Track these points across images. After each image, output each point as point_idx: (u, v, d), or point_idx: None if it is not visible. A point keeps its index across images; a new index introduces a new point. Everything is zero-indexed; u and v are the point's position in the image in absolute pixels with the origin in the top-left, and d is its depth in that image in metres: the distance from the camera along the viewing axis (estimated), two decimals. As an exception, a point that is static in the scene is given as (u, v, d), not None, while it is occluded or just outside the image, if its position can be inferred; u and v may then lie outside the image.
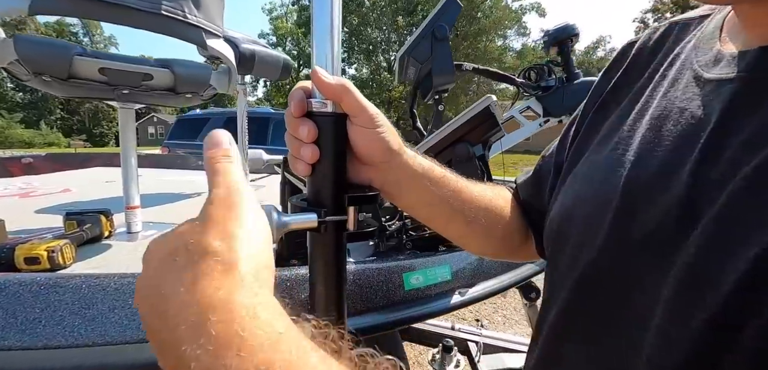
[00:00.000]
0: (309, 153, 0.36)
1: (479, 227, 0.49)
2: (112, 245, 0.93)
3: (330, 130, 0.36)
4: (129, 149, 1.01)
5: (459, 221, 0.48)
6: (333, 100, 0.36)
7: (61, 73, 0.76)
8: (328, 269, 0.39)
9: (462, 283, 0.84)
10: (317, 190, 0.38)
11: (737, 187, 0.24)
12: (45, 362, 0.51)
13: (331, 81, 0.36)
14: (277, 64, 1.75)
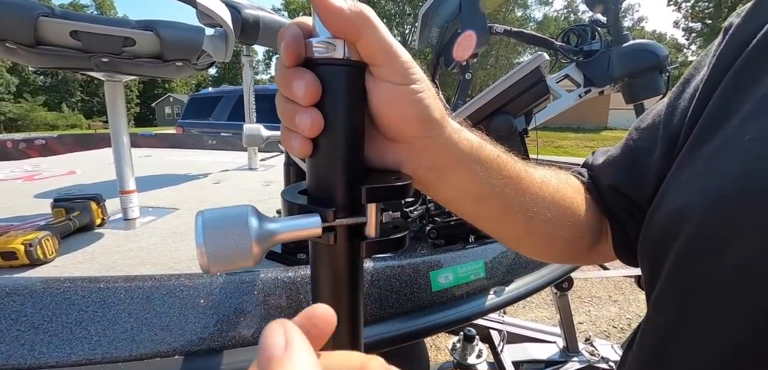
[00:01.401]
0: (308, 121, 0.23)
1: (542, 226, 0.36)
2: (105, 234, 0.84)
3: (341, 86, 0.24)
4: (120, 127, 0.91)
5: (517, 219, 0.35)
6: (346, 40, 0.23)
7: (26, 39, 0.64)
8: (339, 291, 0.27)
9: (498, 280, 0.71)
10: (321, 178, 0.25)
11: None
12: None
13: (342, 5, 0.23)
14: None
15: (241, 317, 0.49)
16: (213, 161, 2.05)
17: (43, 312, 0.45)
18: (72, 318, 0.45)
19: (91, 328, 0.44)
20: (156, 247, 0.77)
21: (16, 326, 0.44)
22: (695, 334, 0.24)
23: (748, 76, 0.27)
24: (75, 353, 0.44)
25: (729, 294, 0.22)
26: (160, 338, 0.45)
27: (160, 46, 0.74)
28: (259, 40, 1.44)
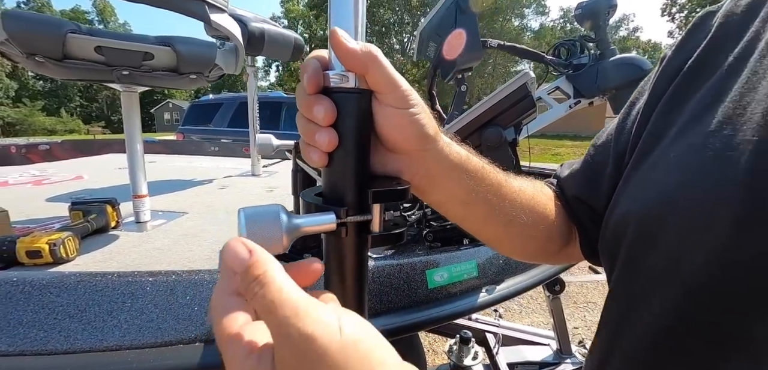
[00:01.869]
0: (326, 139, 0.29)
1: (519, 229, 0.41)
2: (120, 237, 0.88)
3: (352, 110, 0.29)
4: (134, 135, 0.96)
5: (497, 222, 0.40)
6: (356, 73, 0.29)
7: (54, 53, 0.70)
8: (348, 279, 0.32)
9: (489, 279, 0.77)
10: (335, 183, 0.31)
11: None
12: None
13: (355, 47, 0.28)
14: (288, 44, 1.67)
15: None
16: (216, 167, 2.10)
17: (77, 303, 0.50)
18: (104, 308, 0.50)
19: (121, 317, 0.49)
20: (170, 248, 0.82)
21: (53, 316, 0.49)
22: (640, 311, 0.30)
23: (676, 102, 0.33)
24: (106, 339, 0.48)
25: (661, 277, 0.28)
26: (183, 327, 0.50)
27: (176, 61, 0.80)
28: (263, 51, 1.50)
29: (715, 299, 0.25)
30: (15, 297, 0.49)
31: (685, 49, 0.36)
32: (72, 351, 0.47)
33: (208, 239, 0.88)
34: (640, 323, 0.29)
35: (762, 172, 0.24)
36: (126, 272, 0.53)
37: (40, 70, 0.73)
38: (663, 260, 0.28)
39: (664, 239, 0.28)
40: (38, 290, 0.49)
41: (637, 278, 0.30)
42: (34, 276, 0.50)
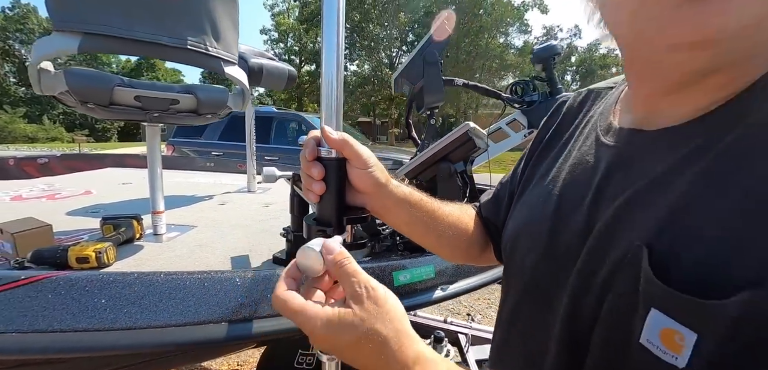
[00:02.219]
0: (318, 188, 0.49)
1: (448, 240, 0.63)
2: (144, 246, 1.07)
3: (334, 171, 0.50)
4: (155, 161, 1.15)
5: (432, 236, 0.61)
6: (336, 150, 0.50)
7: (103, 101, 0.89)
8: None
9: (444, 280, 0.98)
10: (324, 213, 0.51)
11: (613, 212, 0.37)
12: (110, 341, 0.65)
13: (335, 137, 0.49)
14: (282, 76, 1.89)
15: (263, 300, 0.74)
16: (214, 183, 2.27)
17: (136, 294, 0.69)
18: (155, 297, 0.69)
19: (169, 304, 0.69)
20: (188, 255, 1.01)
21: (119, 302, 0.68)
22: (509, 292, 0.51)
23: (538, 163, 0.55)
24: (158, 319, 0.68)
25: (516, 272, 0.49)
26: (213, 311, 0.70)
27: (197, 104, 1.00)
28: (262, 83, 1.71)
29: (537, 282, 0.46)
30: (93, 290, 0.68)
31: (548, 124, 0.58)
32: (133, 328, 0.66)
33: (218, 248, 1.07)
34: (508, 299, 0.51)
35: (560, 209, 0.45)
36: (170, 271, 0.72)
37: (89, 113, 0.92)
38: (518, 262, 0.49)
39: (518, 250, 0.49)
40: (108, 285, 0.68)
41: (508, 272, 0.52)
42: (106, 275, 0.70)
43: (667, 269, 0.30)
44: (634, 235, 0.34)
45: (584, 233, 0.40)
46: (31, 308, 0.65)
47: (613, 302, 0.34)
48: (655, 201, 0.34)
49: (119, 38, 0.84)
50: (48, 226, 1.02)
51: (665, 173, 0.34)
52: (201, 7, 0.93)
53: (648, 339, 0.30)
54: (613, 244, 0.35)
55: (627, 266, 0.33)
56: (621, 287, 0.33)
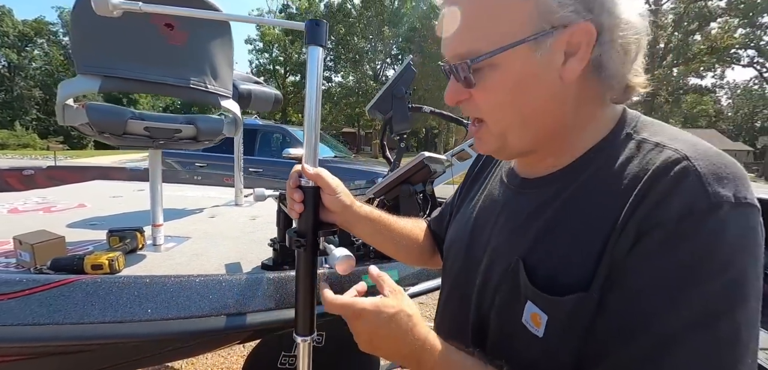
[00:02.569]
0: (299, 208, 0.68)
1: (403, 248, 0.82)
2: (147, 256, 1.22)
3: (311, 197, 0.68)
4: (156, 180, 1.30)
5: (390, 244, 0.81)
6: (312, 181, 0.69)
7: (118, 131, 1.06)
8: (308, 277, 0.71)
9: (407, 283, 1.17)
10: (303, 228, 0.70)
11: (503, 236, 0.57)
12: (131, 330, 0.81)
13: (312, 172, 0.68)
14: (269, 100, 2.07)
15: (254, 296, 0.92)
16: (202, 196, 2.41)
17: (151, 292, 0.85)
18: (167, 295, 0.86)
19: (179, 300, 0.85)
20: (187, 263, 1.16)
21: (137, 300, 0.84)
22: (444, 290, 0.70)
23: (467, 191, 0.75)
24: (171, 312, 0.84)
25: (446, 275, 0.69)
26: (214, 305, 0.87)
27: (196, 132, 1.18)
28: (250, 106, 1.89)
29: (459, 282, 0.65)
30: (115, 290, 0.84)
31: (477, 160, 0.78)
32: (151, 319, 0.83)
33: (213, 257, 1.23)
34: (443, 292, 0.70)
35: (473, 231, 0.64)
36: (177, 274, 0.89)
37: (104, 140, 1.08)
38: (448, 267, 0.69)
39: (449, 258, 0.69)
40: (128, 286, 0.85)
41: (444, 274, 0.71)
42: (125, 278, 0.86)
43: (535, 275, 0.49)
44: (514, 252, 0.53)
45: (485, 249, 0.59)
46: (65, 306, 0.81)
47: (502, 297, 0.53)
48: (529, 228, 0.52)
49: (133, 80, 1.01)
50: (61, 237, 1.16)
51: (536, 209, 0.53)
52: (201, 52, 1.11)
53: (525, 320, 0.49)
54: (502, 258, 0.55)
55: (511, 274, 0.52)
56: (506, 287, 0.53)
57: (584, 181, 0.48)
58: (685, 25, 23.55)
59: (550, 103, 0.46)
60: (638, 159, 0.44)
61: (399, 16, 24.51)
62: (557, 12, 0.41)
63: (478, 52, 0.46)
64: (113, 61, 0.98)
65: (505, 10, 0.43)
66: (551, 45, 0.43)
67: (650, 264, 0.39)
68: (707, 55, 23.65)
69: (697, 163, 0.39)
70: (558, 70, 0.44)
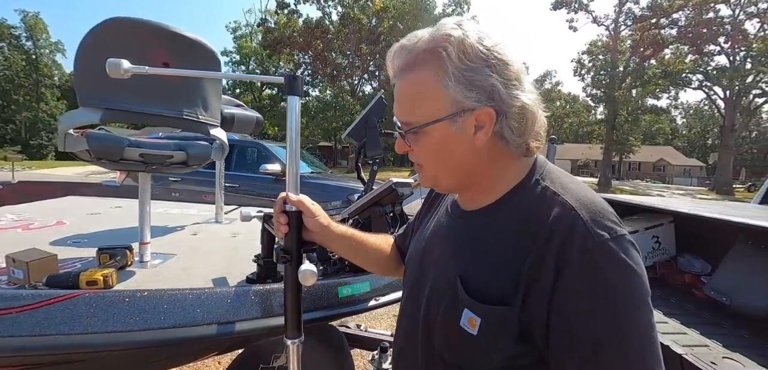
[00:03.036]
0: (284, 228, 0.82)
1: (372, 260, 0.97)
2: (136, 272, 1.31)
3: (294, 220, 0.83)
4: (145, 200, 1.40)
5: (362, 258, 0.96)
6: (296, 206, 0.83)
7: (115, 157, 1.16)
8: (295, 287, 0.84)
9: (378, 293, 1.32)
10: (288, 244, 0.84)
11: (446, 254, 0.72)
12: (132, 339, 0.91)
13: (294, 199, 0.82)
14: (251, 122, 2.19)
15: (243, 306, 1.04)
16: (182, 213, 2.47)
17: (149, 304, 0.96)
18: (164, 307, 0.97)
19: (174, 311, 0.97)
20: (176, 278, 1.27)
21: (137, 311, 0.95)
22: (403, 300, 0.85)
23: (427, 212, 0.91)
24: (168, 322, 0.95)
25: (406, 286, 0.84)
26: (207, 316, 0.99)
27: (187, 158, 1.29)
28: (233, 129, 2.00)
29: (414, 291, 0.81)
30: (117, 302, 0.94)
31: (430, 195, 0.95)
32: (151, 328, 0.94)
33: (200, 272, 1.34)
34: (403, 298, 0.86)
35: (425, 249, 0.80)
36: (173, 288, 1.00)
37: (101, 166, 1.18)
38: (406, 278, 0.84)
39: (407, 271, 0.84)
40: (128, 299, 0.95)
41: (404, 283, 0.87)
42: (126, 291, 0.96)
43: (469, 288, 0.64)
44: (453, 269, 0.67)
45: (433, 265, 0.75)
46: (70, 317, 0.91)
47: (445, 305, 0.68)
48: (464, 250, 0.68)
49: (132, 112, 1.12)
50: (54, 255, 1.24)
51: (470, 235, 0.69)
52: (194, 87, 1.24)
53: (462, 323, 0.64)
54: (444, 273, 0.70)
55: (451, 286, 0.66)
56: (448, 297, 0.68)
57: (505, 217, 0.65)
58: (641, 50, 25.37)
59: (468, 158, 0.63)
60: (543, 206, 0.59)
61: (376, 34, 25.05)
62: (465, 101, 0.58)
63: (414, 124, 0.63)
64: (114, 95, 1.09)
65: (431, 97, 0.60)
66: (462, 122, 0.59)
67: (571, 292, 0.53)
68: (662, 79, 25.52)
69: (581, 213, 0.55)
70: (471, 137, 0.61)
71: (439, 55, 0.58)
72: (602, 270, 0.52)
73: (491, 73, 0.58)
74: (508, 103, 0.58)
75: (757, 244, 2.30)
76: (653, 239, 2.68)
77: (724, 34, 25.05)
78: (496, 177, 0.66)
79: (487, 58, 0.58)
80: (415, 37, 0.62)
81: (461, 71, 0.57)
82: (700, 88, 28.03)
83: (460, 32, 0.58)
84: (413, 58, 0.61)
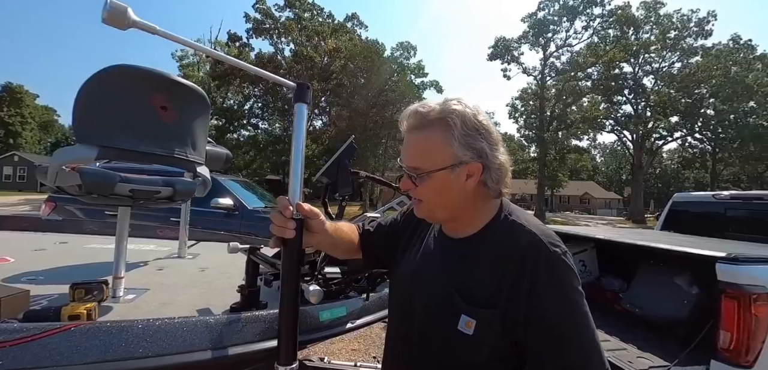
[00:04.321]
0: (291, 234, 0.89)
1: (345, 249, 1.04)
2: (113, 307, 1.31)
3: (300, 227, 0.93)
4: (123, 235, 1.42)
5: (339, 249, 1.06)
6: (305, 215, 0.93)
7: (106, 192, 1.21)
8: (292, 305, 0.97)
9: (353, 317, 1.45)
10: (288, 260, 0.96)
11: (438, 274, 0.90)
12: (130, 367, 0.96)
13: (307, 208, 0.92)
14: (221, 158, 2.26)
15: (234, 335, 1.12)
16: (137, 249, 2.39)
17: (144, 333, 1.01)
18: (159, 335, 1.02)
19: (169, 339, 1.02)
20: (158, 311, 1.30)
21: (133, 340, 1.00)
22: (391, 314, 1.01)
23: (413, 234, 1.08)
24: (164, 349, 1.01)
25: (392, 298, 1.00)
26: (194, 343, 1.05)
27: (173, 193, 1.36)
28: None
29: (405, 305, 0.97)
30: (113, 333, 0.99)
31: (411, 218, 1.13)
32: (148, 356, 0.99)
33: (180, 305, 1.37)
34: (391, 312, 1.01)
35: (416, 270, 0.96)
36: (166, 317, 1.06)
37: (91, 201, 1.21)
38: (393, 294, 1.01)
39: (397, 292, 1.00)
40: (124, 329, 1.00)
41: (392, 303, 1.02)
42: (121, 322, 1.01)
43: (464, 297, 0.81)
44: (448, 285, 0.84)
45: (427, 284, 0.92)
46: (66, 349, 0.93)
47: (442, 313, 0.85)
48: (456, 269, 0.86)
49: (126, 150, 1.19)
50: (26, 291, 1.22)
51: (459, 257, 0.87)
52: (186, 128, 1.34)
53: (459, 327, 0.82)
54: (440, 288, 0.87)
55: (448, 298, 0.83)
56: (445, 307, 0.85)
57: (487, 242, 0.85)
58: (564, 98, 28.75)
59: (459, 199, 0.84)
60: (514, 234, 0.79)
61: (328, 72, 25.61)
62: (463, 157, 0.79)
63: (420, 170, 0.80)
64: (110, 133, 1.16)
65: (438, 152, 0.80)
66: (458, 171, 0.78)
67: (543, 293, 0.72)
68: (582, 123, 28.99)
69: (542, 238, 0.75)
70: (463, 183, 0.80)
71: (448, 122, 0.78)
72: (560, 275, 0.74)
73: (482, 139, 0.80)
74: (491, 161, 0.81)
75: (658, 263, 2.79)
76: (580, 262, 3.12)
77: (627, 87, 29.47)
78: (477, 213, 0.86)
79: (479, 128, 0.80)
80: (428, 106, 0.82)
81: (462, 135, 0.78)
82: (613, 131, 32.35)
83: (462, 107, 0.80)
84: (426, 122, 0.81)
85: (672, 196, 4.31)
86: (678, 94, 27.56)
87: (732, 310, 1.64)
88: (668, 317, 2.44)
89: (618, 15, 26.54)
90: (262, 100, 27.91)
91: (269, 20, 26.83)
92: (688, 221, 3.85)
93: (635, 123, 29.40)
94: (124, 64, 1.12)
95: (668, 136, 31.34)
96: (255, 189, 7.12)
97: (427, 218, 0.91)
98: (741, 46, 28.29)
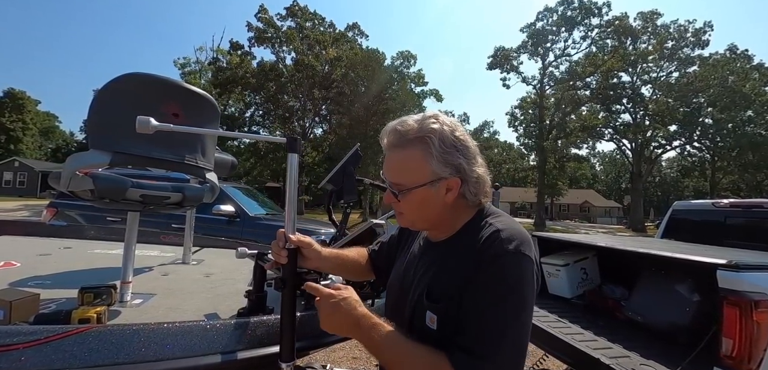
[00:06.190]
0: (284, 259, 0.96)
1: (353, 272, 1.14)
2: (122, 311, 1.33)
3: (293, 255, 0.97)
4: (131, 240, 1.44)
5: (345, 271, 1.12)
6: (296, 245, 0.98)
7: (117, 198, 1.23)
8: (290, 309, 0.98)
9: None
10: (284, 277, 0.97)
11: (418, 277, 0.93)
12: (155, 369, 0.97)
13: (295, 239, 0.97)
14: (226, 165, 2.28)
15: (244, 339, 1.13)
16: (142, 255, 2.40)
17: (157, 336, 1.03)
18: (172, 338, 1.04)
19: (182, 342, 1.04)
20: (166, 316, 1.31)
21: (146, 342, 1.01)
22: (387, 313, 1.03)
23: (404, 243, 1.11)
24: (169, 352, 1.02)
25: (388, 303, 1.03)
26: (204, 347, 1.07)
27: (182, 199, 1.38)
28: (210, 172, 2.08)
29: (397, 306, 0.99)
30: (127, 335, 1.00)
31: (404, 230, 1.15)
32: (160, 359, 1.00)
33: (187, 310, 1.38)
34: (387, 312, 1.03)
35: (403, 274, 1.00)
36: (180, 321, 1.07)
37: (103, 205, 1.23)
38: (387, 301, 1.03)
39: (388, 296, 1.03)
40: (137, 332, 1.01)
41: (387, 304, 1.05)
42: (134, 325, 1.02)
43: (431, 296, 0.85)
44: (423, 285, 0.89)
45: (411, 285, 0.95)
46: (79, 351, 0.95)
47: (418, 311, 0.88)
48: (430, 271, 0.89)
49: (139, 156, 1.22)
50: (36, 295, 1.23)
51: (435, 259, 0.90)
52: (197, 135, 1.36)
53: (427, 323, 0.85)
54: (419, 288, 0.90)
55: (422, 297, 0.87)
56: (420, 305, 0.88)
57: (459, 242, 0.88)
58: (563, 107, 28.92)
59: (439, 210, 0.87)
60: (481, 231, 0.82)
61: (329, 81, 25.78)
62: (442, 173, 0.82)
63: (402, 186, 0.84)
64: (124, 140, 1.19)
65: (418, 169, 0.83)
66: (438, 187, 0.82)
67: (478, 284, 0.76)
68: (581, 132, 29.11)
69: (502, 234, 0.78)
70: (443, 197, 0.85)
71: (426, 140, 0.82)
72: (499, 269, 0.76)
73: (459, 155, 0.83)
74: (469, 174, 0.84)
75: (659, 270, 2.81)
76: (582, 270, 3.13)
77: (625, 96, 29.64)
78: (456, 220, 0.90)
79: (456, 144, 0.83)
80: (407, 124, 0.85)
81: (440, 153, 0.81)
82: (612, 139, 32.44)
83: (439, 125, 0.83)
84: (405, 140, 0.84)
85: (672, 204, 4.33)
86: (676, 103, 27.75)
87: (733, 317, 1.65)
88: (670, 325, 2.45)
89: (615, 25, 26.84)
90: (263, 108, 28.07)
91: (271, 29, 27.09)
92: (689, 229, 3.87)
93: (634, 132, 29.53)
94: (138, 73, 1.15)
95: (667, 145, 31.53)
96: (256, 196, 7.15)
97: (410, 227, 0.97)
98: (738, 56, 28.58)
